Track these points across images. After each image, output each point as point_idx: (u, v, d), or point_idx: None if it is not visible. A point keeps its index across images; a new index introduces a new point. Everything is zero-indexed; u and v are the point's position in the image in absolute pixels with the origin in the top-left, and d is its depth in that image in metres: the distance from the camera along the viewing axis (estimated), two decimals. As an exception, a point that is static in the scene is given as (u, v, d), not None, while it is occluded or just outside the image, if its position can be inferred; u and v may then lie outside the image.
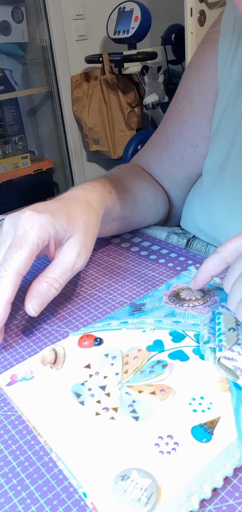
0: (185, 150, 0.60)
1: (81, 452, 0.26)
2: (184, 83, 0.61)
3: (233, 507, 0.24)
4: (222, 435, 0.26)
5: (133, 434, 0.27)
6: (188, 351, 0.34)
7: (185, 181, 0.63)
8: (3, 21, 2.51)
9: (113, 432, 0.27)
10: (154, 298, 0.41)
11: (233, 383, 0.30)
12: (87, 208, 0.43)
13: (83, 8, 2.55)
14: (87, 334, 0.37)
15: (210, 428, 0.27)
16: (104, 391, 0.30)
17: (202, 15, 1.96)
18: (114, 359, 0.33)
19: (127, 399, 0.30)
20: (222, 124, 0.55)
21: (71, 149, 2.78)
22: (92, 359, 0.34)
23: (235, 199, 0.51)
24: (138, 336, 0.36)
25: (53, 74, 2.64)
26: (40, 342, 0.38)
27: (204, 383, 0.31)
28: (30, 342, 0.38)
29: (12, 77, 2.68)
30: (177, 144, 0.61)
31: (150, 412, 0.28)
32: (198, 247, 0.55)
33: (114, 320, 0.39)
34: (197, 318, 0.38)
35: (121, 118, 2.58)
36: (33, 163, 2.74)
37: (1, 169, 2.62)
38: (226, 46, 0.54)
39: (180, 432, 0.27)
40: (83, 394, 0.30)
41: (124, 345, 0.35)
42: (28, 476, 0.26)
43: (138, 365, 0.32)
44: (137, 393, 0.30)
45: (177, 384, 0.30)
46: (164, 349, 0.34)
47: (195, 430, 0.27)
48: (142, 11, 2.24)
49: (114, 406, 0.29)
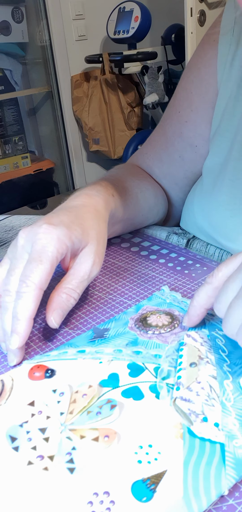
0: (185, 151, 0.60)
1: (7, 507, 0.24)
2: (183, 83, 0.61)
3: (233, 507, 0.24)
4: (166, 493, 0.24)
5: (66, 489, 0.25)
6: (145, 388, 0.31)
7: (184, 181, 0.63)
8: (3, 21, 2.50)
9: (44, 486, 0.25)
10: (119, 322, 0.39)
11: (188, 428, 0.28)
12: (97, 216, 0.44)
13: (83, 8, 2.53)
14: (39, 364, 0.35)
15: (153, 484, 0.25)
16: (43, 434, 0.28)
17: (202, 15, 1.94)
18: (61, 396, 0.31)
19: (66, 446, 0.27)
20: (222, 124, 0.54)
21: (71, 149, 2.77)
22: (38, 394, 0.32)
23: (235, 199, 0.51)
24: (93, 368, 0.34)
25: (53, 74, 2.62)
26: (40, 342, 0.39)
27: (156, 428, 0.28)
28: (31, 342, 0.39)
29: (12, 77, 2.67)
30: (176, 145, 0.61)
31: (88, 463, 0.26)
32: (198, 247, 0.55)
33: (71, 348, 0.36)
34: (160, 349, 0.35)
35: (121, 118, 2.57)
36: (33, 163, 2.73)
37: (1, 169, 2.61)
38: (226, 46, 0.54)
39: (118, 488, 0.24)
40: (19, 438, 0.28)
41: (76, 379, 0.33)
42: None
43: (85, 405, 0.30)
44: (79, 438, 0.27)
45: (124, 429, 0.28)
46: (118, 384, 0.32)
47: (135, 487, 0.24)
48: (142, 11, 2.22)
49: (51, 454, 0.27)
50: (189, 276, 0.47)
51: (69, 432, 0.28)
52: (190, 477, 0.25)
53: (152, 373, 0.33)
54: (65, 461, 0.26)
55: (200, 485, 0.24)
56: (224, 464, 0.25)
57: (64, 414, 0.29)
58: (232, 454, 0.26)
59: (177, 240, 0.57)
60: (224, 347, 0.34)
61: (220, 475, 0.25)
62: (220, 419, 0.28)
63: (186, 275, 0.48)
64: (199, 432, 0.27)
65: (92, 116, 2.58)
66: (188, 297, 0.43)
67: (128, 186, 0.56)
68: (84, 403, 0.30)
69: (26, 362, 0.35)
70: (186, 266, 0.49)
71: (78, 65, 2.59)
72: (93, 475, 0.25)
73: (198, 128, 0.58)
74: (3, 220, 0.72)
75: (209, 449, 0.26)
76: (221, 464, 0.25)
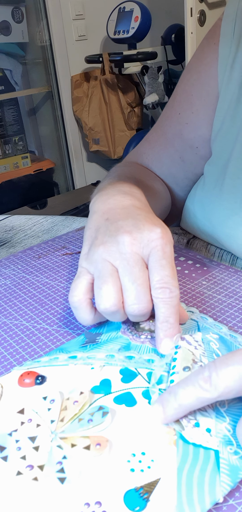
0: (185, 152, 0.60)
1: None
2: (182, 85, 0.61)
3: (233, 507, 0.24)
4: (159, 502, 0.23)
5: (56, 500, 0.24)
6: (137, 393, 0.31)
7: (184, 181, 0.63)
8: (3, 21, 2.50)
9: (34, 497, 0.24)
10: (112, 327, 0.39)
11: (180, 434, 0.27)
12: (152, 213, 0.40)
13: (83, 8, 2.53)
14: (29, 371, 0.34)
15: (146, 493, 0.24)
16: (33, 443, 0.28)
17: (202, 15, 1.93)
18: (52, 403, 0.30)
19: (57, 455, 0.27)
20: (225, 126, 0.54)
21: (71, 149, 2.77)
22: (28, 402, 0.31)
23: (236, 198, 0.50)
24: (84, 374, 0.33)
25: (53, 74, 2.62)
26: (40, 342, 0.39)
27: (149, 435, 0.27)
28: (31, 342, 0.39)
29: (12, 77, 2.67)
30: (176, 146, 0.61)
31: (79, 472, 0.25)
32: (198, 247, 0.55)
33: (62, 353, 0.36)
34: (153, 353, 0.35)
35: (121, 118, 2.56)
36: (33, 163, 2.73)
37: (1, 169, 2.61)
38: (227, 49, 0.54)
39: (110, 498, 0.24)
40: (8, 446, 0.27)
41: (67, 385, 0.32)
42: None
43: (77, 412, 0.29)
44: (70, 446, 0.27)
45: (117, 436, 0.27)
46: (111, 391, 0.31)
47: (128, 496, 0.24)
48: (142, 11, 2.22)
49: (41, 464, 0.26)
50: (189, 276, 0.47)
51: (60, 441, 0.28)
52: (184, 485, 0.24)
53: (144, 378, 0.32)
54: (56, 470, 0.26)
55: (194, 493, 0.24)
56: (219, 471, 0.25)
57: (55, 422, 0.29)
58: (227, 460, 0.25)
59: (177, 240, 0.57)
60: (218, 351, 0.34)
61: (215, 482, 0.24)
62: (213, 425, 0.28)
63: (186, 275, 0.47)
64: (190, 437, 0.27)
65: (92, 116, 2.57)
66: (207, 312, 0.40)
67: (143, 180, 0.55)
68: (76, 410, 0.29)
69: (16, 369, 0.35)
70: (186, 266, 0.49)
71: (78, 65, 2.59)
72: (84, 485, 0.25)
73: (198, 130, 0.58)
74: (3, 220, 0.71)
75: (203, 455, 0.26)
76: (215, 471, 0.25)
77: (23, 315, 0.43)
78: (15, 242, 0.63)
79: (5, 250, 0.60)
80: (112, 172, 0.58)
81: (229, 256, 0.52)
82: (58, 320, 0.41)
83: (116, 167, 0.60)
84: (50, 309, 0.43)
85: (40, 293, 0.46)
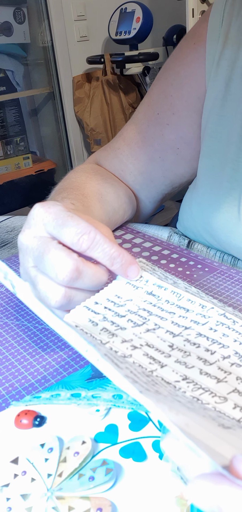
0: (166, 152, 0.60)
1: None
2: (159, 84, 0.60)
3: None
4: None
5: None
6: (147, 445, 0.27)
7: (161, 179, 0.63)
8: (5, 21, 2.50)
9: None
10: None
11: (192, 506, 0.24)
12: None
13: (85, 9, 2.53)
14: (27, 410, 0.31)
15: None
16: (25, 501, 0.25)
17: (204, 16, 1.93)
18: (50, 453, 0.27)
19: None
20: (210, 124, 0.54)
21: (73, 150, 2.77)
22: (24, 449, 0.28)
23: (235, 200, 0.51)
24: (88, 417, 0.30)
25: (55, 75, 2.62)
26: (42, 342, 0.39)
27: (157, 498, 0.24)
28: (32, 343, 0.39)
29: (13, 78, 2.67)
30: (156, 146, 0.60)
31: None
32: (200, 248, 0.55)
33: (65, 390, 0.33)
34: (98, 389, 0.32)
35: (122, 119, 2.56)
36: (35, 163, 2.73)
37: (3, 170, 2.61)
38: (213, 46, 0.54)
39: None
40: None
41: (68, 431, 0.29)
42: None
43: (77, 466, 0.26)
44: (67, 510, 0.24)
45: (121, 499, 0.24)
46: (117, 440, 0.28)
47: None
48: (144, 12, 2.22)
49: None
50: (190, 277, 0.47)
51: (56, 501, 0.25)
52: None
53: (156, 425, 0.29)
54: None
55: None
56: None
57: (51, 477, 0.26)
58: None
59: (178, 240, 0.57)
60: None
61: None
62: None
63: (187, 276, 0.47)
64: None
65: (94, 117, 2.57)
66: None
67: (88, 192, 0.53)
68: (76, 465, 0.27)
69: (14, 405, 0.32)
70: (188, 267, 0.49)
71: (80, 66, 2.59)
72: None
73: (180, 131, 0.58)
74: (4, 221, 0.71)
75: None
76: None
77: (25, 315, 0.43)
78: (16, 243, 0.63)
79: (6, 250, 0.60)
80: (64, 178, 0.58)
81: (230, 257, 0.52)
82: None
83: (69, 174, 0.59)
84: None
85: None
